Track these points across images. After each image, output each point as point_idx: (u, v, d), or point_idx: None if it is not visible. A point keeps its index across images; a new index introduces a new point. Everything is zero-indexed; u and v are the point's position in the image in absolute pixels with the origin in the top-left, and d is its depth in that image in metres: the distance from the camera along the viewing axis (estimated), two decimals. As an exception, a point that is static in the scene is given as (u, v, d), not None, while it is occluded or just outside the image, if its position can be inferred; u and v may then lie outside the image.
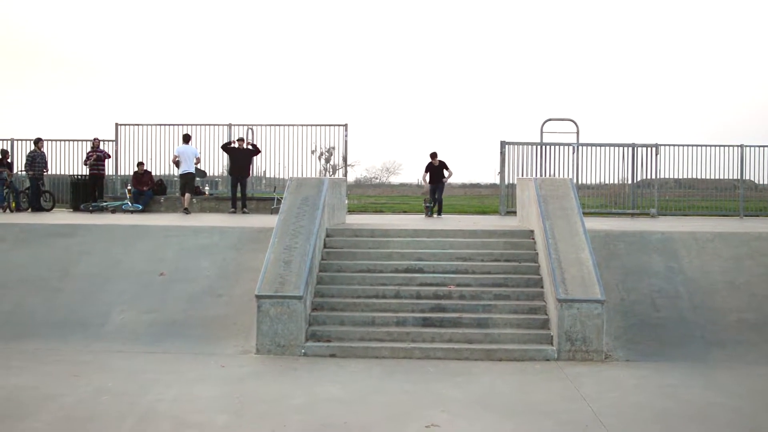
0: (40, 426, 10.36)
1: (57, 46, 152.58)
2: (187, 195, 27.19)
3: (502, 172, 28.59)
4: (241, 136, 28.74)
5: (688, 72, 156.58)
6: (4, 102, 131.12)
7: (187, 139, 28.06)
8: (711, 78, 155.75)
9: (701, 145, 28.85)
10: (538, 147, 28.70)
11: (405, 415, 11.01)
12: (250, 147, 27.89)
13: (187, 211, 26.84)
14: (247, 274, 16.97)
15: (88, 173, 28.85)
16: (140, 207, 27.57)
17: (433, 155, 28.34)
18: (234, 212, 27.23)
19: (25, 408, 11.18)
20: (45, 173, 28.35)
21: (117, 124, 30.17)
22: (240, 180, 27.54)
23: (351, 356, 14.56)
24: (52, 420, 10.65)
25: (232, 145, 27.93)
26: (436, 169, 28.47)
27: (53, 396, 11.75)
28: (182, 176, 27.59)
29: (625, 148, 28.60)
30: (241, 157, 27.62)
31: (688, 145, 28.84)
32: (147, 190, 28.29)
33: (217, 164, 29.69)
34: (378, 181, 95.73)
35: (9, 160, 28.52)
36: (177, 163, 27.68)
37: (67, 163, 30.37)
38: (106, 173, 29.53)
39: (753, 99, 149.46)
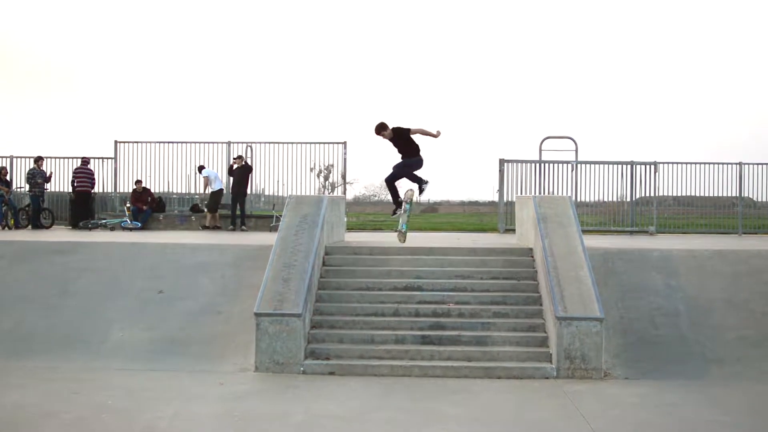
0: (39, 444, 10.36)
1: (55, 63, 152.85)
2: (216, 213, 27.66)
3: (500, 190, 28.58)
4: (239, 154, 28.80)
5: (687, 90, 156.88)
6: (4, 119, 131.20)
7: (201, 169, 28.60)
8: (709, 95, 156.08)
9: (700, 163, 28.88)
10: (537, 165, 28.70)
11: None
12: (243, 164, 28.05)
13: (218, 227, 27.22)
14: (246, 292, 16.96)
15: (72, 191, 28.89)
16: (139, 225, 27.60)
17: (381, 126, 17.78)
18: (233, 230, 27.26)
19: (25, 425, 11.18)
20: (45, 191, 28.35)
21: (116, 142, 30.24)
22: (237, 198, 27.59)
23: (350, 374, 14.55)
24: (52, 438, 10.65)
25: (233, 164, 28.12)
26: (401, 142, 17.90)
27: (53, 413, 11.74)
28: (214, 194, 27.92)
29: (624, 166, 28.63)
30: (237, 175, 27.75)
31: (686, 163, 28.85)
32: (146, 208, 28.30)
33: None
34: (377, 198, 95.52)
35: (8, 178, 28.52)
36: (206, 184, 28.12)
37: (66, 180, 30.38)
38: (96, 190, 29.58)
39: (752, 117, 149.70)
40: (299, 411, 12.15)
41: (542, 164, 28.74)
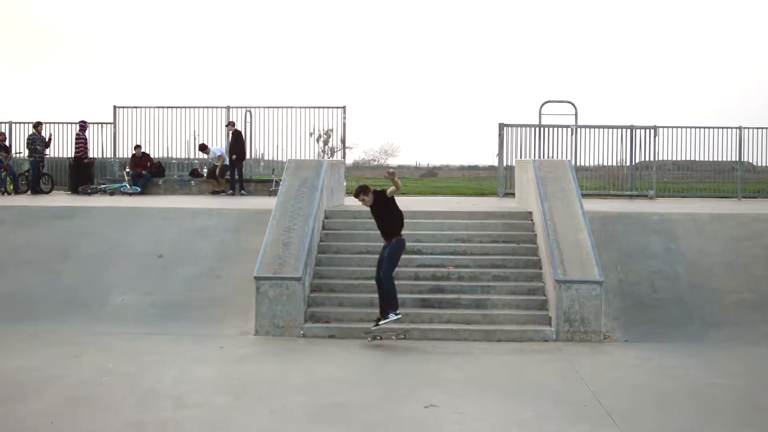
0: (42, 407, 10.39)
1: (54, 28, 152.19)
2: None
3: (500, 154, 28.51)
4: (231, 120, 28.77)
5: (687, 53, 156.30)
6: (2, 84, 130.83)
7: (203, 148, 28.74)
8: (710, 59, 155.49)
9: (700, 127, 28.78)
10: (537, 129, 28.62)
11: (404, 395, 11.05)
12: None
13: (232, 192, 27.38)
14: (245, 256, 16.97)
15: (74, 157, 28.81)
16: (138, 189, 27.55)
17: (362, 190, 14.82)
18: (232, 194, 27.25)
19: (27, 389, 11.21)
20: (45, 156, 28.29)
21: (115, 107, 30.11)
22: (234, 163, 27.57)
23: (350, 337, 14.59)
24: (54, 401, 10.68)
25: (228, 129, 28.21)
26: (381, 209, 14.91)
27: (55, 377, 11.79)
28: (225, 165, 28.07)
29: (624, 130, 28.55)
30: (232, 140, 27.76)
31: (686, 127, 28.76)
32: (146, 172, 28.26)
33: (215, 145, 29.52)
34: (376, 163, 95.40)
35: (6, 143, 28.46)
36: (222, 160, 28.24)
37: (65, 145, 30.31)
38: (94, 155, 29.55)
39: (751, 81, 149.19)
40: (300, 374, 12.19)
41: (542, 128, 28.66)
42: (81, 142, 28.63)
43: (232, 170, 27.66)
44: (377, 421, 9.99)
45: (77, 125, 29.12)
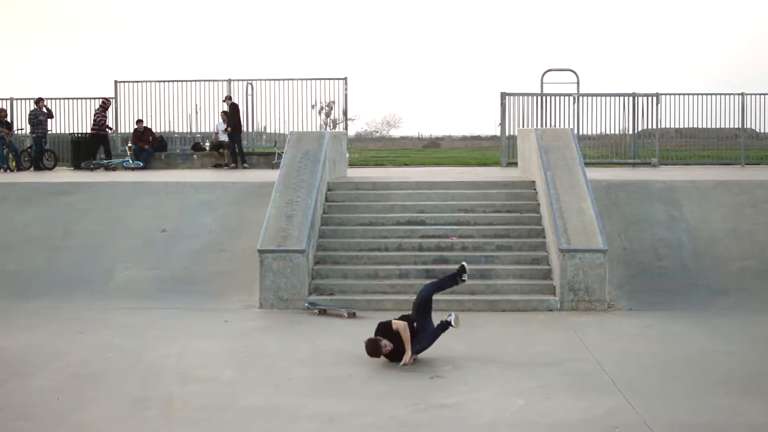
0: (47, 383, 10.42)
1: (54, 2, 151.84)
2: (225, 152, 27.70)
3: (502, 124, 28.41)
4: (227, 94, 28.69)
5: (689, 19, 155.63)
6: (3, 60, 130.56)
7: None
8: (712, 25, 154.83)
9: (702, 94, 28.65)
10: (539, 98, 28.51)
11: (409, 367, 11.05)
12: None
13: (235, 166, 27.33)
14: (249, 229, 16.96)
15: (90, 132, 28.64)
16: (141, 164, 27.49)
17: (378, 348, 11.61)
18: (234, 167, 27.22)
19: (32, 366, 11.25)
20: (47, 132, 28.19)
21: (116, 81, 29.98)
22: (233, 136, 27.50)
23: (354, 309, 14.59)
24: (59, 377, 10.71)
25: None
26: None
27: (59, 353, 11.82)
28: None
29: (626, 98, 28.41)
30: (229, 114, 27.70)
31: (688, 94, 28.63)
32: (148, 147, 28.19)
33: (215, 120, 29.44)
34: (378, 134, 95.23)
35: (8, 119, 28.36)
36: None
37: (67, 121, 30.23)
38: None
39: (754, 46, 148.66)
40: (304, 347, 12.23)
41: (544, 97, 28.55)
42: (99, 117, 28.39)
43: (231, 143, 27.60)
44: (382, 392, 10.00)
45: (99, 101, 28.87)
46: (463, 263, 12.05)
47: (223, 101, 28.38)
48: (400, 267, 15.76)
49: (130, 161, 27.38)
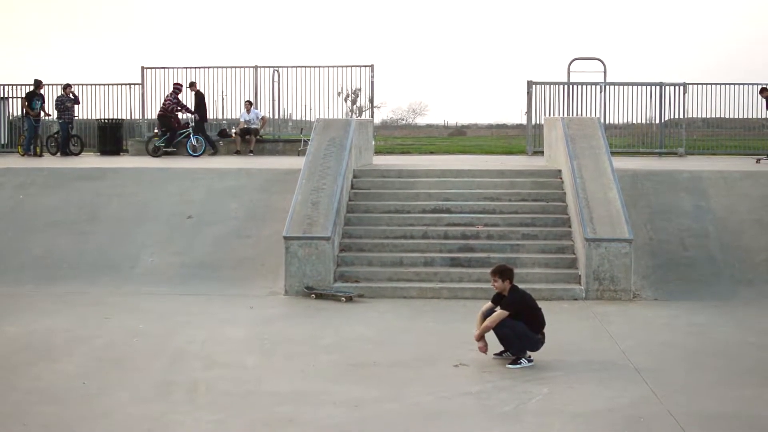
0: (72, 368, 10.49)
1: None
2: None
3: (529, 112, 28.38)
4: (192, 80, 28.65)
5: (717, 9, 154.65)
6: (31, 47, 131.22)
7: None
8: (740, 15, 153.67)
9: (729, 84, 28.51)
10: (566, 86, 28.44)
11: (433, 354, 11.08)
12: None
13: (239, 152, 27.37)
14: (274, 216, 16.98)
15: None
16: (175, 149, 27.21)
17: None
18: (252, 154, 27.33)
19: (58, 350, 11.33)
20: (74, 118, 28.25)
21: (143, 68, 30.10)
22: (198, 124, 27.46)
23: (379, 296, 14.63)
24: (85, 361, 10.78)
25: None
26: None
27: (85, 338, 11.89)
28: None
29: (653, 87, 28.30)
30: (195, 103, 27.87)
31: (716, 84, 28.50)
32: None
33: (242, 107, 29.45)
34: (404, 122, 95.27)
35: (41, 91, 28.19)
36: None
37: (94, 107, 30.35)
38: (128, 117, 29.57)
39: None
40: (329, 333, 12.24)
41: (570, 86, 28.47)
42: (170, 102, 28.23)
43: (200, 131, 27.28)
44: (407, 379, 10.02)
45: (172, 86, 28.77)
46: None
47: (188, 88, 28.12)
48: (426, 255, 15.75)
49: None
